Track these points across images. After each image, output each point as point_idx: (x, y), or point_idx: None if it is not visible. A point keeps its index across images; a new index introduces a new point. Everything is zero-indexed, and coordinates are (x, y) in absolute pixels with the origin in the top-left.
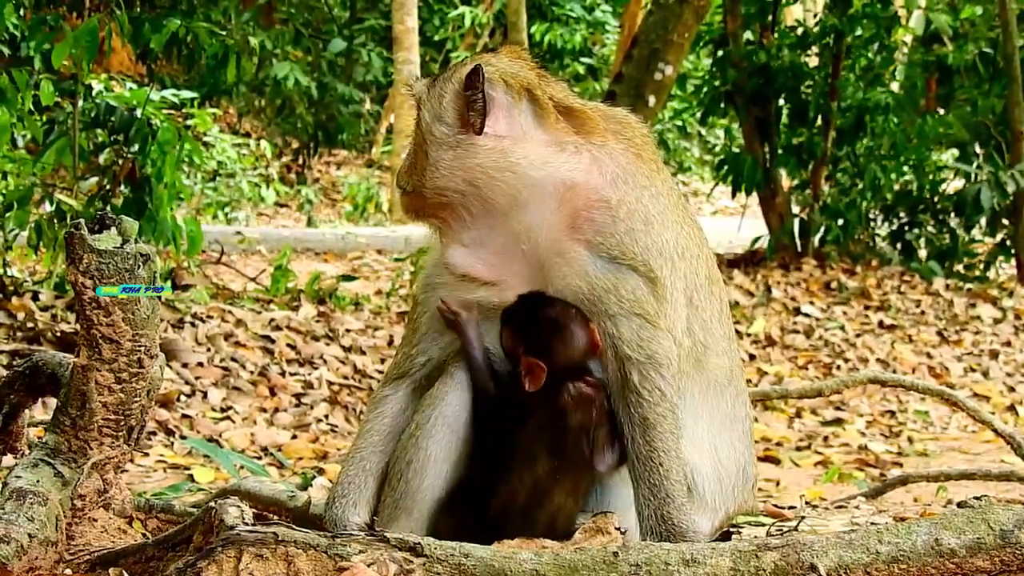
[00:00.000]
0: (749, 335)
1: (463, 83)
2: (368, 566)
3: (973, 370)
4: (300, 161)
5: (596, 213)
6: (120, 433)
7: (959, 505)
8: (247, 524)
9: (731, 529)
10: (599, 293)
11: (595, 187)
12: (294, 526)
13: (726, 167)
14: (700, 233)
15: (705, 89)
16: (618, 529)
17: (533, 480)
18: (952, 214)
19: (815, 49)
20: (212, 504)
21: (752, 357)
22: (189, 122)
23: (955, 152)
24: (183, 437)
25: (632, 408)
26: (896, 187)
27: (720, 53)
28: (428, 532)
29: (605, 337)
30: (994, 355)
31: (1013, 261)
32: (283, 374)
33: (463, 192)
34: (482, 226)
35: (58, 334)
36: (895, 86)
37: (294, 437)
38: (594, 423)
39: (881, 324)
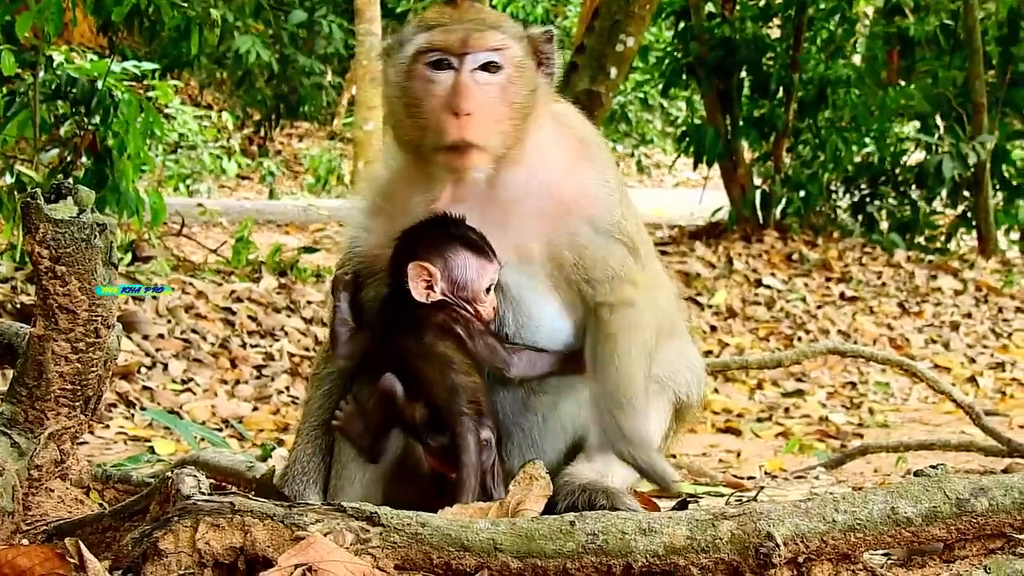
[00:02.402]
0: (710, 307)
1: (539, 41)
2: (324, 535)
3: (934, 341)
4: (262, 133)
5: (592, 186)
6: (77, 403)
7: (915, 474)
8: (204, 494)
9: (688, 499)
10: (588, 263)
11: (587, 150)
12: (251, 496)
13: (688, 139)
14: None
15: (667, 61)
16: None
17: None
18: (913, 186)
19: (777, 21)
20: (169, 474)
21: (713, 329)
22: (150, 94)
23: (916, 124)
24: (143, 409)
25: (600, 327)
26: (857, 159)
27: (682, 25)
28: (380, 494)
29: (581, 297)
30: (955, 327)
31: (974, 233)
32: (244, 346)
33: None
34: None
35: (18, 306)
36: (856, 58)
37: (255, 409)
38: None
39: (842, 296)
